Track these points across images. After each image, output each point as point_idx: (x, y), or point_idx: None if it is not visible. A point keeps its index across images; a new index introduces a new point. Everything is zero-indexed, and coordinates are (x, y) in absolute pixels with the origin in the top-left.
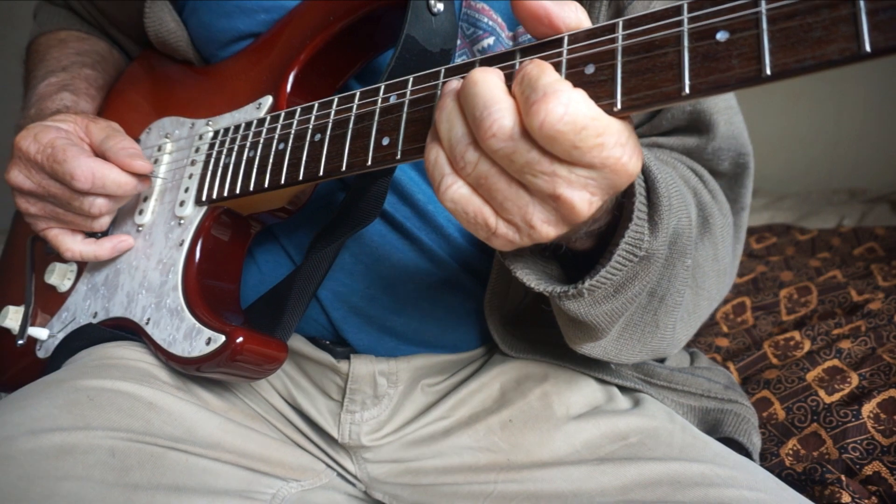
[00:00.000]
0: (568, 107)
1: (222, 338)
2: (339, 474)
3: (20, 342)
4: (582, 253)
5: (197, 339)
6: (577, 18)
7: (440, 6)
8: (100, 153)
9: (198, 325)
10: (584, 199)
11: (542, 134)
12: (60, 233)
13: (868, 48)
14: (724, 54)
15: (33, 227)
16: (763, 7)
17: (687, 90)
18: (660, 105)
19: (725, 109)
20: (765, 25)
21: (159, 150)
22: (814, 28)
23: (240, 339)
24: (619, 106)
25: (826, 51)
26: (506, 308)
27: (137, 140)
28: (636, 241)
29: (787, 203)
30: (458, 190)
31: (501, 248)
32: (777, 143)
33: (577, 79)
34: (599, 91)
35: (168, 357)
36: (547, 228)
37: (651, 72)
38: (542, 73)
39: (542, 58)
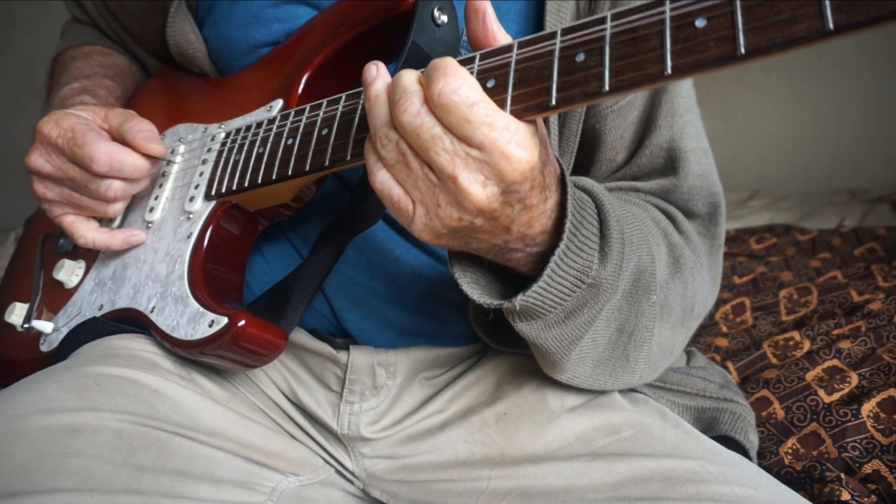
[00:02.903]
0: (462, 84)
1: (225, 320)
2: (338, 471)
3: (25, 326)
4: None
5: (200, 323)
6: (504, 38)
7: (444, 18)
8: (118, 136)
9: (202, 309)
10: (479, 181)
11: (440, 102)
12: (76, 219)
13: (831, 26)
14: (703, 38)
15: (49, 212)
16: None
17: (669, 71)
18: (646, 86)
19: (696, 150)
20: (739, 10)
21: (172, 152)
22: (783, 11)
23: (242, 322)
24: (606, 88)
25: (794, 30)
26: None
27: None
28: (584, 268)
29: (788, 203)
30: (382, 175)
31: (420, 235)
32: (778, 143)
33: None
34: (589, 76)
35: (170, 341)
36: (450, 210)
37: (636, 56)
38: (445, 60)
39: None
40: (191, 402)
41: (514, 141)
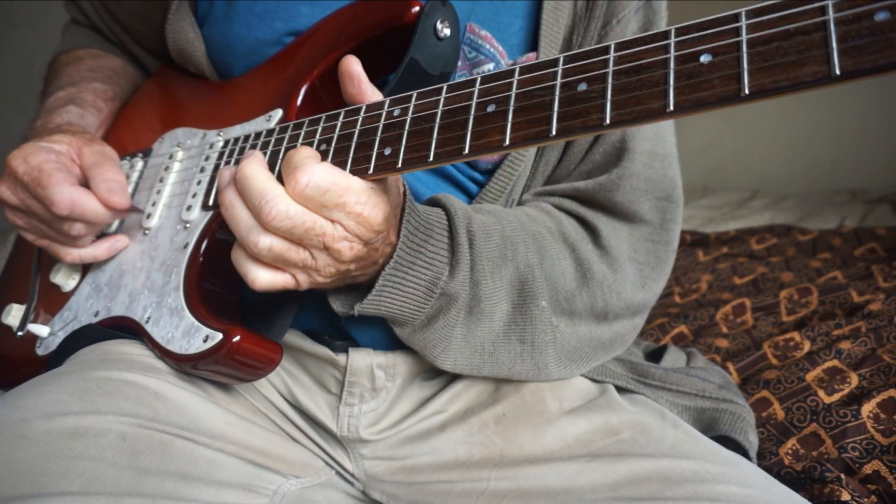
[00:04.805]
0: (312, 177)
1: (219, 335)
2: (338, 473)
3: (19, 333)
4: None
5: (195, 337)
6: (376, 96)
7: (447, 31)
8: (86, 178)
9: (196, 323)
10: (346, 246)
11: (297, 198)
12: (52, 243)
13: (838, 72)
14: (707, 75)
15: (24, 237)
16: (744, 35)
17: (671, 107)
18: (647, 121)
19: (646, 152)
20: (745, 49)
21: (171, 158)
22: (789, 52)
23: (236, 338)
24: (607, 121)
25: (800, 73)
26: None
27: (150, 149)
28: (434, 279)
29: (788, 203)
30: (263, 278)
31: (304, 288)
32: (778, 143)
33: (569, 93)
34: (590, 108)
35: (166, 354)
36: (329, 268)
37: (639, 90)
38: (297, 152)
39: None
40: (192, 404)
41: (366, 210)
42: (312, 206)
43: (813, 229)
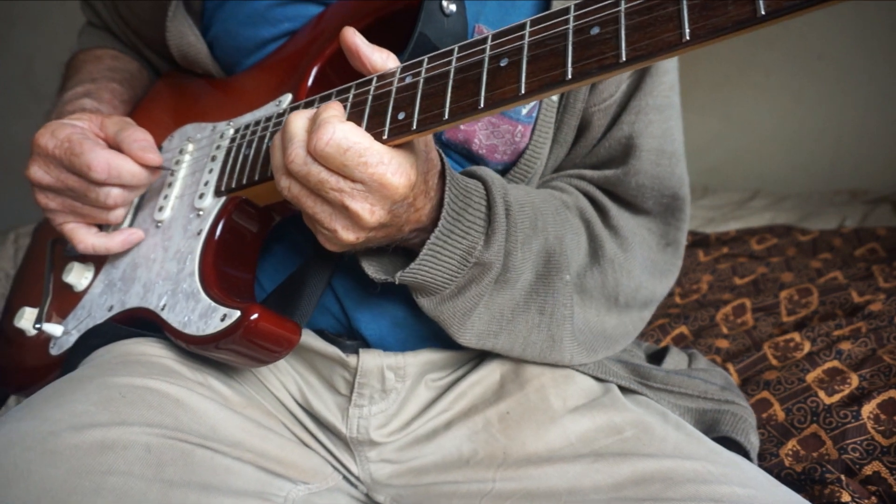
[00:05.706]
0: (333, 134)
1: (237, 313)
2: (345, 477)
3: (37, 326)
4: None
5: (212, 317)
6: (382, 62)
7: (452, 7)
8: (114, 145)
9: (213, 304)
10: (366, 209)
11: (317, 154)
12: (76, 227)
13: None
14: (721, 3)
15: (52, 221)
16: None
17: (688, 36)
18: (665, 54)
19: (653, 150)
20: None
21: (181, 152)
22: None
23: (255, 316)
24: (623, 58)
25: None
26: None
27: (160, 146)
28: (469, 248)
29: (789, 204)
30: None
31: (329, 248)
32: (778, 143)
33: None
34: (605, 48)
35: (182, 338)
36: (347, 233)
37: (653, 24)
38: (325, 110)
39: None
40: (211, 411)
41: (390, 171)
42: (333, 164)
43: (813, 229)
